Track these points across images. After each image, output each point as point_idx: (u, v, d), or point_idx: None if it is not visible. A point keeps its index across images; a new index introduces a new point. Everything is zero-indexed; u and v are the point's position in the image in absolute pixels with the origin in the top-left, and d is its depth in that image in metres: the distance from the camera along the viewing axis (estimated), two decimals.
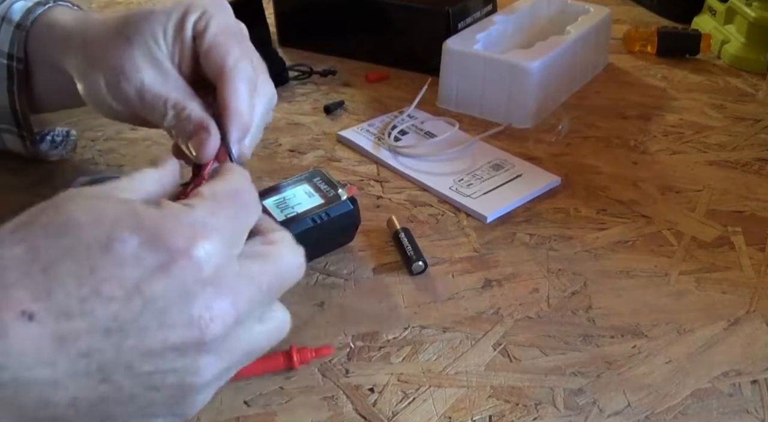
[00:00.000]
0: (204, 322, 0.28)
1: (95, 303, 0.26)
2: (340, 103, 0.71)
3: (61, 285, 0.26)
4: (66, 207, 0.28)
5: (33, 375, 0.26)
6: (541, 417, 0.40)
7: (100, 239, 0.27)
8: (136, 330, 0.27)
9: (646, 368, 0.43)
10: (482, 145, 0.64)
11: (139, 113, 0.45)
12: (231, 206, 0.32)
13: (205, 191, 0.32)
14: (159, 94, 0.44)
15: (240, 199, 0.33)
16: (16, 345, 0.26)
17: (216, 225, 0.30)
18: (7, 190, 0.57)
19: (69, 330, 0.26)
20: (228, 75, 0.43)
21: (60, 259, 0.27)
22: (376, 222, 0.54)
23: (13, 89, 0.52)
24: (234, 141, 0.42)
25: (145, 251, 0.27)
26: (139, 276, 0.27)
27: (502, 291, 0.48)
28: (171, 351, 0.28)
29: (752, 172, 0.62)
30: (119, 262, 0.27)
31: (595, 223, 0.55)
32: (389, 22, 0.78)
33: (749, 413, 0.40)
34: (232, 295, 0.29)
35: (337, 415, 0.40)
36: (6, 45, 0.51)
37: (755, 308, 0.47)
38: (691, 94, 0.75)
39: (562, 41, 0.71)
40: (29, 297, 0.26)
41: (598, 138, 0.66)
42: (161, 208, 0.30)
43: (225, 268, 0.29)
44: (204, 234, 0.29)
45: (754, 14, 0.79)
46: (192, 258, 0.28)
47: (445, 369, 0.43)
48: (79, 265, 0.27)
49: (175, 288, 0.28)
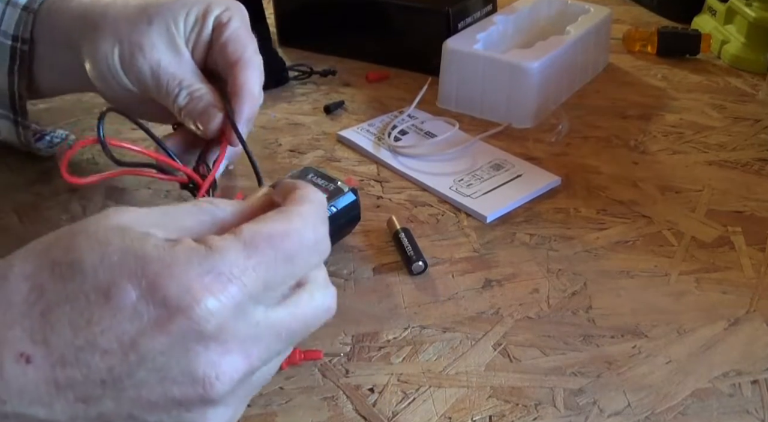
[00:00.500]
0: (209, 381, 0.27)
1: (90, 354, 0.25)
2: (340, 103, 0.71)
3: (58, 332, 0.26)
4: (77, 244, 0.27)
5: (32, 412, 0.26)
6: (541, 417, 0.40)
7: (101, 286, 0.26)
8: (133, 384, 0.26)
9: (646, 368, 0.43)
10: (482, 145, 0.64)
11: (149, 91, 0.47)
12: (269, 252, 0.28)
13: (245, 229, 0.28)
14: (174, 75, 0.46)
15: (287, 243, 0.28)
16: (14, 384, 0.25)
17: (236, 276, 0.27)
18: (6, 188, 0.57)
19: (65, 378, 0.26)
20: (246, 62, 0.46)
21: (60, 304, 0.26)
22: (376, 222, 0.54)
23: (14, 70, 0.52)
24: (245, 119, 0.45)
25: (143, 304, 0.26)
26: (136, 331, 0.25)
27: (502, 291, 0.48)
28: (175, 406, 0.27)
29: (752, 172, 0.62)
30: (117, 314, 0.26)
31: (595, 223, 0.55)
32: (389, 22, 0.78)
33: (749, 413, 0.40)
34: (242, 349, 0.27)
35: (337, 415, 0.40)
36: (11, 27, 0.51)
37: (755, 308, 0.47)
38: (691, 94, 0.75)
39: (563, 41, 0.71)
40: (27, 340, 0.26)
41: (598, 138, 0.66)
42: (175, 250, 0.27)
43: (238, 322, 0.27)
44: (212, 288, 0.26)
45: (754, 14, 0.79)
46: (191, 317, 0.26)
47: (445, 369, 0.43)
48: (78, 313, 0.26)
49: (174, 345, 0.26)
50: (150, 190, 0.57)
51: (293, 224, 0.29)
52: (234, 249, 0.27)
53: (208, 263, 0.26)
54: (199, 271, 0.26)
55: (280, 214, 0.29)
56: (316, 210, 0.30)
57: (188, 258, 0.26)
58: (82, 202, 0.56)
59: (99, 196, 0.56)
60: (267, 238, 0.28)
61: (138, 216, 0.28)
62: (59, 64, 0.52)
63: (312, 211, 0.30)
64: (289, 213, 0.29)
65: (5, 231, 0.52)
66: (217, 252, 0.27)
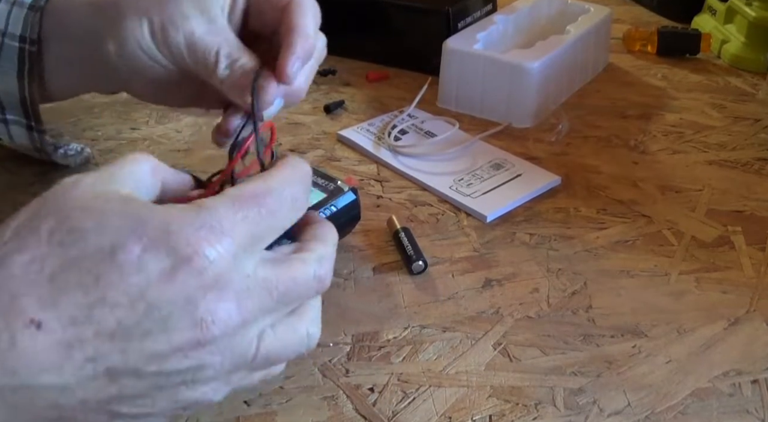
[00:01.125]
0: (206, 324, 0.28)
1: (101, 310, 0.27)
2: (340, 103, 0.71)
3: (68, 294, 0.27)
4: (71, 213, 0.28)
5: (42, 381, 0.26)
6: (541, 417, 0.40)
7: (104, 248, 0.27)
8: (140, 334, 0.27)
9: (646, 368, 0.43)
10: (482, 144, 0.64)
11: (186, 66, 0.44)
12: (253, 208, 0.30)
13: (230, 190, 0.31)
14: (210, 44, 0.43)
15: (268, 199, 0.31)
16: (25, 352, 0.26)
17: (227, 229, 0.29)
18: (6, 189, 0.57)
19: (75, 337, 0.27)
20: (298, 3, 0.43)
21: (66, 269, 0.27)
22: (376, 222, 0.54)
23: (24, 73, 0.50)
24: (296, 61, 0.41)
25: (148, 258, 0.27)
26: (143, 283, 0.27)
27: (502, 291, 0.48)
28: (175, 353, 0.28)
29: (752, 171, 0.62)
30: (123, 270, 0.27)
31: (595, 223, 0.55)
32: (389, 22, 0.78)
33: (749, 413, 0.40)
34: (236, 299, 0.29)
35: (337, 415, 0.40)
36: (18, 28, 0.49)
37: (755, 308, 0.47)
38: (691, 94, 0.75)
39: (563, 41, 0.71)
40: (37, 306, 0.26)
41: (598, 138, 0.66)
42: (167, 208, 0.29)
43: (232, 272, 0.29)
44: (209, 239, 0.28)
45: (754, 14, 0.79)
46: (194, 265, 0.28)
47: (445, 369, 0.43)
48: (85, 275, 0.27)
49: (178, 293, 0.28)
50: None
51: (273, 183, 0.32)
52: (223, 206, 0.29)
53: (201, 218, 0.29)
54: (195, 226, 0.28)
55: (262, 176, 0.32)
56: (293, 172, 0.33)
57: (183, 216, 0.28)
58: None
59: None
60: (251, 195, 0.30)
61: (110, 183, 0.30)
62: (73, 62, 0.49)
63: (290, 173, 0.33)
64: (269, 176, 0.32)
65: None
66: (207, 209, 0.29)
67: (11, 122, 0.53)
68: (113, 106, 0.69)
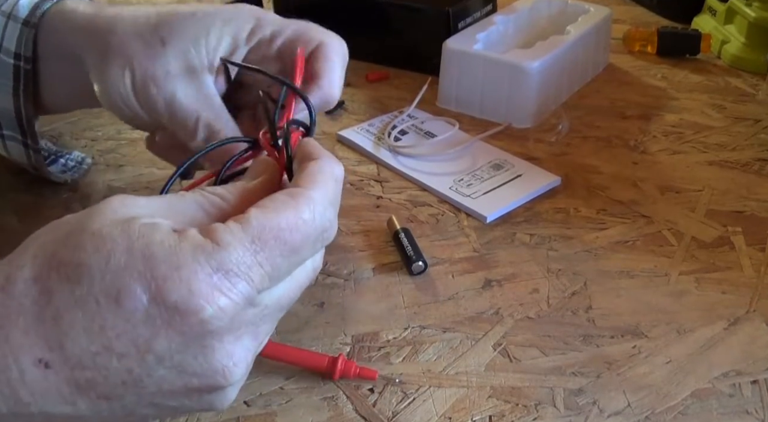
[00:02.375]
0: (228, 370, 0.27)
1: (107, 358, 0.26)
2: (340, 103, 0.71)
3: (72, 338, 0.26)
4: (82, 244, 0.26)
5: (58, 411, 0.26)
6: (541, 417, 0.40)
7: (110, 291, 0.26)
8: (153, 381, 0.26)
9: (646, 368, 0.43)
10: (482, 145, 0.64)
11: (166, 125, 0.42)
12: (275, 249, 0.27)
13: (253, 219, 0.27)
14: (191, 110, 0.40)
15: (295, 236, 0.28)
16: (36, 388, 0.26)
17: (243, 272, 0.27)
18: (6, 189, 0.57)
19: (85, 380, 0.26)
20: (324, 47, 0.41)
21: (71, 309, 0.26)
22: (376, 222, 0.54)
23: (19, 92, 0.48)
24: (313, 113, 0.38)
25: (155, 308, 0.26)
26: (150, 334, 0.26)
27: (502, 291, 0.48)
28: (195, 392, 0.27)
29: (752, 172, 0.62)
30: (129, 319, 0.26)
31: (595, 223, 0.55)
32: (389, 22, 0.78)
33: (749, 413, 0.40)
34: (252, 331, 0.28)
35: (337, 415, 0.40)
36: (13, 44, 0.47)
37: (755, 308, 0.47)
38: (691, 94, 0.75)
39: (562, 41, 0.71)
40: (44, 346, 0.26)
41: (598, 138, 0.66)
42: (181, 247, 0.26)
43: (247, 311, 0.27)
44: (222, 288, 0.26)
45: (754, 14, 0.79)
46: (203, 317, 0.26)
47: (445, 369, 0.42)
48: (90, 319, 0.26)
49: (189, 343, 0.26)
50: (149, 190, 0.57)
51: (302, 214, 0.28)
52: (241, 245, 0.27)
53: (215, 261, 0.26)
54: (207, 271, 0.26)
55: (289, 202, 0.29)
56: (326, 194, 0.30)
57: (195, 258, 0.26)
58: (83, 201, 0.56)
59: (99, 196, 0.56)
60: (275, 233, 0.27)
61: (142, 206, 0.29)
62: (66, 81, 0.48)
63: (323, 196, 0.29)
64: (298, 201, 0.29)
65: (5, 232, 0.52)
66: (224, 248, 0.26)
67: (8, 137, 0.51)
68: None
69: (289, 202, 0.29)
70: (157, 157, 0.49)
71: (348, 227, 0.54)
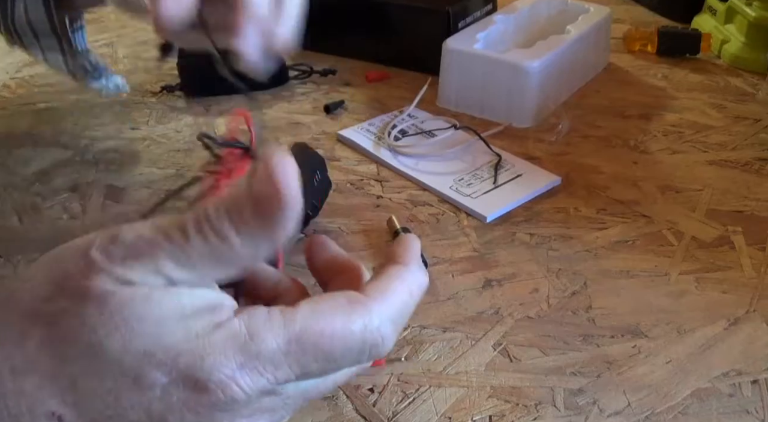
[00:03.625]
0: None
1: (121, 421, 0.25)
2: (340, 103, 0.71)
3: (88, 401, 0.25)
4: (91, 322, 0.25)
5: None
6: (541, 417, 0.40)
7: (127, 373, 0.25)
8: None
9: (646, 368, 0.43)
10: (482, 144, 0.64)
11: None
12: (311, 354, 0.26)
13: (299, 318, 0.26)
14: None
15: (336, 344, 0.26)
16: None
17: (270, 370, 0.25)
18: (6, 189, 0.56)
19: None
20: None
21: (86, 377, 0.25)
22: (376, 222, 0.54)
23: None
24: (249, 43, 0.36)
25: (173, 388, 0.25)
26: (165, 408, 0.25)
27: (502, 291, 0.48)
28: None
29: (752, 171, 0.62)
30: (145, 394, 0.25)
31: (595, 223, 0.55)
32: (389, 22, 0.78)
33: (749, 413, 0.40)
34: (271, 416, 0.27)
35: (337, 415, 0.40)
36: None
37: (755, 308, 0.47)
38: (691, 94, 0.75)
39: (563, 41, 0.70)
40: (58, 402, 0.25)
41: (598, 137, 0.66)
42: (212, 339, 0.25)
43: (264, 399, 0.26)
44: (247, 380, 0.25)
45: (754, 14, 0.79)
46: (219, 399, 0.25)
47: (445, 369, 0.42)
48: (105, 389, 0.25)
49: (203, 419, 0.25)
50: (149, 190, 0.57)
51: (351, 325, 0.26)
52: (275, 343, 0.25)
53: (243, 354, 0.25)
54: (232, 366, 0.25)
55: (344, 308, 0.26)
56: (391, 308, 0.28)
57: (224, 349, 0.25)
58: (82, 201, 0.56)
59: (98, 196, 0.56)
60: (316, 339, 0.26)
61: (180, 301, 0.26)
62: None
63: (385, 310, 0.27)
64: (354, 310, 0.26)
65: (5, 231, 0.52)
66: (257, 343, 0.25)
67: (46, 48, 0.54)
68: (113, 106, 0.69)
69: (343, 309, 0.27)
70: None
71: (348, 227, 0.54)
